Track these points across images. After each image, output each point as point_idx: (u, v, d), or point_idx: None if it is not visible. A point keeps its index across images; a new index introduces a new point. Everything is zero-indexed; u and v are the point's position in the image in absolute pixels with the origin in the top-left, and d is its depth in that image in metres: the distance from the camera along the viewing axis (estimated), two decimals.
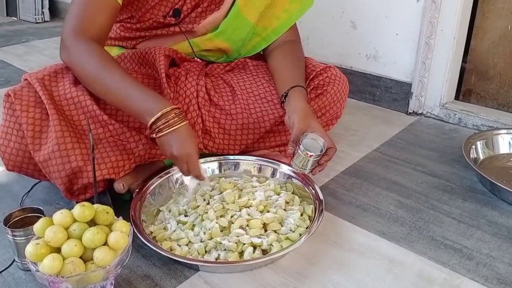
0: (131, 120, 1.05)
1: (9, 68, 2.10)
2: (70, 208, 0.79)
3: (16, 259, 0.88)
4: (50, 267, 0.71)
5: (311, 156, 0.94)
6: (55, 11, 3.08)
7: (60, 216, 0.77)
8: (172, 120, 0.90)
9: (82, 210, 0.77)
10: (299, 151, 0.95)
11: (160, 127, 0.90)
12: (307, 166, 0.96)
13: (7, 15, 3.17)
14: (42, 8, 2.94)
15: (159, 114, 0.89)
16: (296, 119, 1.00)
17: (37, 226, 0.77)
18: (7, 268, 0.88)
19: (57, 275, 0.71)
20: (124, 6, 1.02)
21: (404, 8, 1.50)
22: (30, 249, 0.73)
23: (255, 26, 1.18)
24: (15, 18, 3.09)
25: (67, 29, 0.97)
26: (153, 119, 0.89)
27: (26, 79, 1.03)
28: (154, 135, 0.91)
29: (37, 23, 2.94)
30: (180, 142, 0.91)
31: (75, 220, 0.78)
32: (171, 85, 1.08)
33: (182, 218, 0.97)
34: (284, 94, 1.07)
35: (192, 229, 0.94)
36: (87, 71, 0.95)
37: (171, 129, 0.90)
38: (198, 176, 0.97)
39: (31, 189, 1.13)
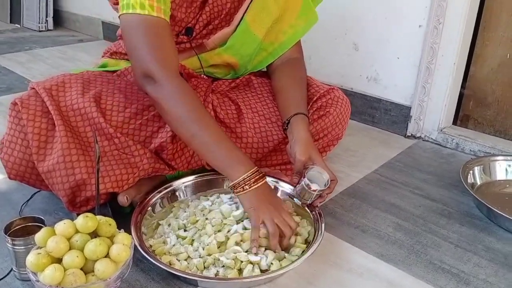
0: (136, 134, 1.06)
1: (11, 75, 2.11)
2: (70, 218, 0.79)
3: (14, 268, 0.88)
4: (51, 277, 0.71)
5: (314, 190, 0.96)
6: (59, 20, 3.11)
7: (63, 226, 0.77)
8: (258, 176, 0.93)
9: (85, 221, 0.77)
10: (303, 184, 0.97)
11: (247, 183, 0.92)
12: (310, 198, 0.99)
13: (10, 22, 3.19)
14: (46, 17, 2.97)
15: (249, 172, 0.92)
16: (297, 151, 1.02)
17: (38, 236, 0.77)
18: (4, 277, 0.88)
19: (57, 286, 0.71)
20: None
21: (406, 33, 1.53)
22: (31, 258, 0.74)
23: (262, 41, 1.20)
24: (19, 26, 3.11)
25: (152, 62, 0.94)
26: (241, 177, 0.92)
27: (33, 88, 1.04)
28: (238, 191, 0.93)
29: (40, 31, 2.96)
30: (268, 195, 0.95)
31: (77, 231, 0.78)
32: None
33: (182, 232, 0.97)
34: (286, 121, 1.09)
35: (192, 244, 0.94)
36: (179, 111, 0.95)
37: (257, 184, 0.93)
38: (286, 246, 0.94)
39: (31, 198, 1.13)
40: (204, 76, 1.23)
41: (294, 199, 1.06)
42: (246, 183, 0.92)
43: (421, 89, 1.53)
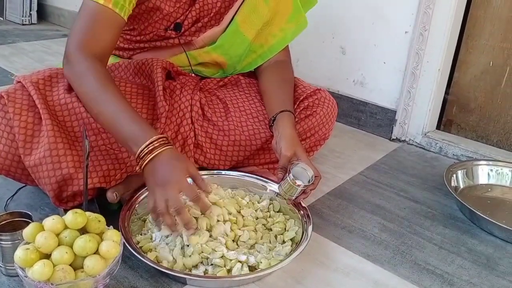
0: None
1: None
2: (56, 214, 0.79)
3: (0, 264, 0.86)
4: (40, 273, 0.70)
5: (299, 185, 0.97)
6: (43, 14, 3.06)
7: (52, 222, 0.76)
8: (153, 147, 0.86)
9: (74, 217, 0.77)
10: (288, 179, 0.98)
11: (142, 156, 0.86)
12: (294, 194, 1.00)
13: None
14: (30, 10, 2.92)
15: (144, 145, 0.86)
16: (283, 146, 1.03)
17: (26, 231, 0.76)
18: None
19: (46, 282, 0.71)
20: (127, 19, 1.03)
21: (392, 38, 1.56)
22: (19, 254, 0.72)
23: (252, 43, 1.21)
24: (1, 19, 3.06)
25: (72, 43, 0.97)
26: (138, 150, 0.86)
27: (20, 82, 1.02)
28: (138, 168, 0.88)
29: (23, 24, 2.91)
30: (163, 168, 0.85)
31: (66, 227, 0.77)
32: (166, 97, 1.09)
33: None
34: (272, 118, 1.10)
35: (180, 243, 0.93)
36: (84, 89, 0.94)
37: (152, 155, 0.86)
38: (186, 221, 0.86)
39: (16, 193, 1.11)
40: (193, 74, 1.23)
41: (277, 196, 1.07)
42: (144, 154, 0.86)
43: (406, 94, 1.56)
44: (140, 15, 1.12)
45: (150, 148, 0.86)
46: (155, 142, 0.87)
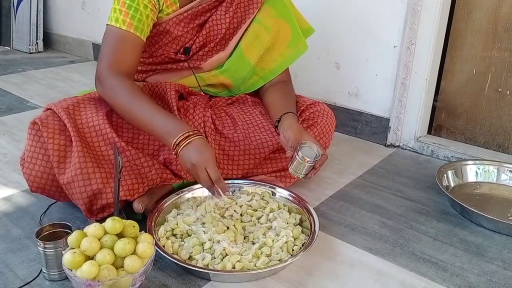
0: (145, 148, 1.17)
1: (9, 96, 2.18)
2: (85, 226, 0.90)
3: (43, 270, 0.97)
4: (88, 272, 0.81)
5: (307, 161, 1.09)
6: (49, 42, 3.19)
7: (94, 228, 0.87)
8: (188, 134, 1.02)
9: (113, 223, 0.88)
10: (297, 157, 1.09)
11: (179, 143, 1.01)
12: (303, 171, 1.11)
13: (0, 45, 3.26)
14: (37, 39, 3.04)
15: (180, 135, 1.01)
16: (291, 134, 1.15)
17: (71, 238, 0.87)
18: (34, 278, 0.97)
19: (93, 280, 0.82)
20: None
21: (382, 53, 1.69)
22: (68, 257, 0.84)
23: (255, 67, 1.34)
24: (8, 48, 3.18)
25: (102, 66, 1.11)
26: (175, 140, 1.01)
27: (50, 109, 1.14)
28: (175, 154, 1.02)
29: (31, 53, 3.03)
30: (196, 151, 1.00)
31: (106, 232, 0.88)
32: (181, 116, 1.21)
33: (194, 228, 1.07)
34: (278, 120, 1.22)
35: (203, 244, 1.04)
36: (118, 101, 1.08)
37: (187, 141, 1.01)
38: (220, 183, 1.02)
39: (48, 208, 1.22)
40: (202, 93, 1.35)
41: (290, 202, 1.18)
42: (180, 142, 1.01)
43: (398, 103, 1.68)
44: (151, 37, 1.24)
45: (185, 135, 1.02)
46: (190, 131, 1.02)
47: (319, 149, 1.11)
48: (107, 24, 1.15)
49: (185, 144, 1.01)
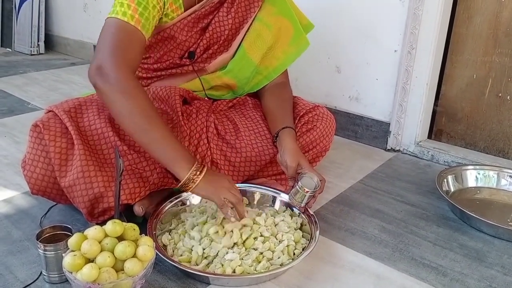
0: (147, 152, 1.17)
1: (10, 98, 2.19)
2: (86, 228, 0.89)
3: (43, 272, 0.97)
4: (89, 275, 0.81)
5: (307, 192, 1.10)
6: (50, 44, 3.20)
7: (94, 231, 0.87)
8: (199, 171, 1.01)
9: (113, 226, 0.88)
10: (298, 188, 1.11)
11: (192, 179, 1.00)
12: (304, 200, 1.12)
13: (1, 46, 3.27)
14: (38, 41, 3.05)
15: (191, 170, 1.00)
16: (288, 159, 1.16)
17: (71, 241, 0.87)
18: (34, 281, 0.97)
19: (93, 283, 0.82)
20: (145, 48, 1.15)
21: (383, 57, 1.70)
22: (68, 260, 0.84)
23: (258, 66, 1.34)
24: (10, 50, 3.19)
25: (105, 56, 1.02)
26: (187, 176, 1.00)
27: (51, 111, 1.14)
28: (184, 187, 1.02)
29: (32, 55, 3.04)
30: (215, 175, 1.05)
31: (106, 235, 0.88)
32: (185, 121, 1.21)
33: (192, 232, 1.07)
34: (275, 135, 1.23)
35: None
36: (128, 107, 1.00)
37: (201, 176, 1.01)
38: (240, 208, 1.04)
39: (48, 211, 1.22)
40: (206, 98, 1.35)
41: (291, 208, 1.18)
42: (194, 177, 1.00)
43: (398, 107, 1.68)
44: (156, 44, 1.24)
45: (197, 173, 1.01)
46: (198, 166, 1.02)
47: (318, 178, 1.13)
48: (109, 17, 1.06)
49: (199, 179, 1.01)
